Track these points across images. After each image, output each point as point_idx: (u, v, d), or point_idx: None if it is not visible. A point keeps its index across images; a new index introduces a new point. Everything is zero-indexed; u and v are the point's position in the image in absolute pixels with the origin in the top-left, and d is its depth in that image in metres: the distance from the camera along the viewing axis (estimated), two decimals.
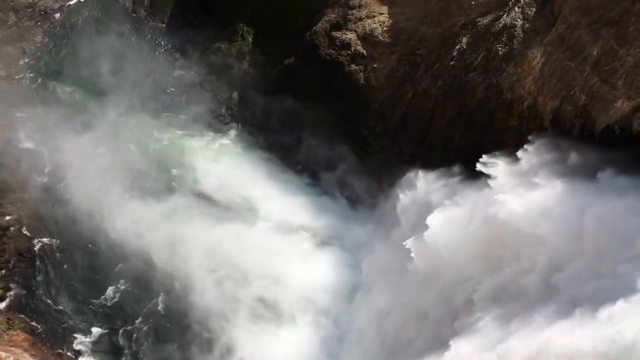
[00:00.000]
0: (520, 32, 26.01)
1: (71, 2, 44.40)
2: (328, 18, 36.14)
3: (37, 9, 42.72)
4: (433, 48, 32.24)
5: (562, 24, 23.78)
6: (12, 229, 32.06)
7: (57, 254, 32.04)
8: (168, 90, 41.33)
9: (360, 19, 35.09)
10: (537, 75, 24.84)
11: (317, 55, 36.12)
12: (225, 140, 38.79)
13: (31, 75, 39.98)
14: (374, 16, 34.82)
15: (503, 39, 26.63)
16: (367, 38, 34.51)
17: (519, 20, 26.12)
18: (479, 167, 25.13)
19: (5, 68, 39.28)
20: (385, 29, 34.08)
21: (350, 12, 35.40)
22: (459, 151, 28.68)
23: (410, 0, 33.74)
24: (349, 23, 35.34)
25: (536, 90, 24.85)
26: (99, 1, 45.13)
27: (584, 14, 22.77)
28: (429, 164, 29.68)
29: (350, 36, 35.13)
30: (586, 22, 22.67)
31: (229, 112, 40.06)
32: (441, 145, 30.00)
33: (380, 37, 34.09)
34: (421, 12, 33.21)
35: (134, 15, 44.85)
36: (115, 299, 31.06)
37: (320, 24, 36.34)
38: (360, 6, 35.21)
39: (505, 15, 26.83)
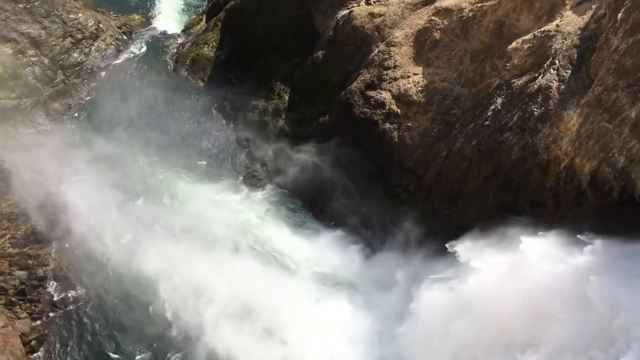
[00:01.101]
0: (556, 94, 25.92)
1: (117, 61, 46.56)
2: (363, 78, 36.81)
3: (85, 67, 44.79)
4: (468, 108, 32.39)
5: (598, 86, 23.63)
6: (48, 280, 32.54)
7: (91, 307, 32.19)
8: (205, 146, 42.29)
9: (395, 79, 35.60)
10: (573, 136, 24.56)
11: (352, 114, 36.63)
12: (260, 196, 39.13)
13: (75, 129, 41.46)
14: (408, 76, 35.30)
15: (538, 100, 26.55)
16: (401, 97, 34.90)
17: (554, 81, 26.08)
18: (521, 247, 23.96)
19: (51, 123, 40.89)
20: (419, 88, 34.47)
21: (385, 72, 36.01)
22: (493, 211, 28.25)
23: (445, 62, 34.22)
24: (383, 83, 35.88)
25: (573, 151, 24.51)
26: (143, 61, 47.30)
27: (621, 76, 22.62)
28: (463, 223, 29.27)
29: (385, 95, 35.59)
30: (624, 85, 22.47)
31: (264, 168, 40.60)
32: (476, 205, 29.61)
33: (415, 97, 34.44)
34: (456, 73, 33.60)
35: (175, 74, 46.73)
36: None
37: (355, 84, 37.01)
38: (395, 67, 35.81)
39: (540, 77, 26.84)
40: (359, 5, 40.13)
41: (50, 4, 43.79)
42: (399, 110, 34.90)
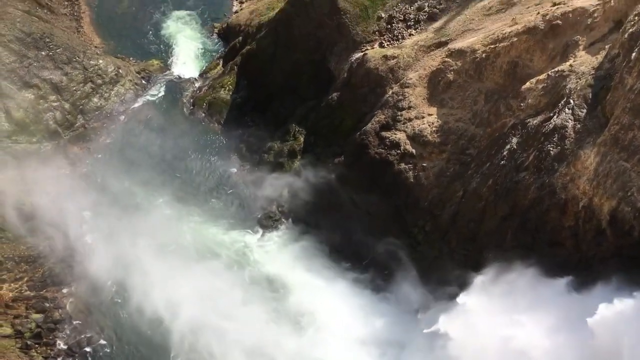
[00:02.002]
0: (571, 133, 25.88)
1: (135, 105, 47.43)
2: (378, 119, 37.05)
3: (104, 112, 45.69)
4: (483, 148, 32.37)
5: (615, 125, 23.58)
6: (64, 322, 32.52)
7: (106, 350, 32.04)
8: (222, 188, 42.52)
9: (410, 120, 35.78)
10: (591, 175, 24.39)
11: (367, 154, 36.75)
12: (274, 237, 39.07)
13: (94, 172, 42.00)
14: (423, 117, 35.47)
15: (554, 139, 26.50)
16: (416, 138, 35.01)
17: (570, 121, 26.07)
18: None
19: (71, 166, 41.46)
20: (434, 129, 34.58)
21: (399, 113, 36.24)
22: (512, 251, 27.88)
23: (459, 102, 34.38)
24: (398, 123, 36.07)
25: (591, 190, 24.31)
26: (161, 104, 48.18)
27: (637, 115, 22.58)
28: (481, 264, 28.90)
29: (400, 136, 35.73)
30: None
31: (280, 209, 40.62)
32: (494, 245, 29.27)
33: (430, 137, 34.52)
34: (470, 113, 33.71)
35: (193, 117, 47.44)
36: None
37: (370, 125, 37.25)
38: (409, 107, 36.04)
39: (555, 117, 26.85)
40: (372, 49, 40.71)
41: (72, 51, 45.00)
42: (414, 151, 34.97)
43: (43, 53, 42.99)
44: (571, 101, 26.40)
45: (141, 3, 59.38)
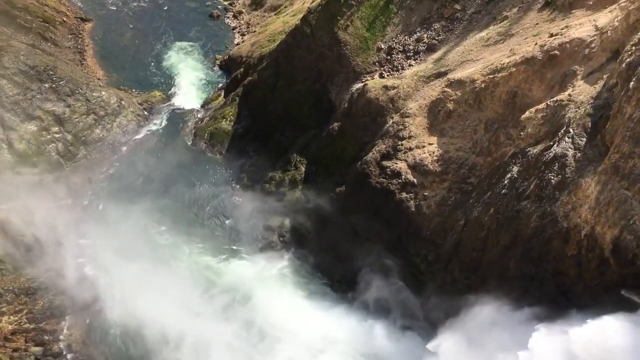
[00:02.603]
0: (572, 161, 25.93)
1: (137, 136, 47.75)
2: (378, 148, 37.23)
3: (106, 143, 45.93)
4: (484, 177, 32.44)
5: (615, 154, 23.64)
6: (63, 355, 32.18)
7: None
8: (223, 217, 42.53)
9: (410, 149, 35.95)
10: (592, 204, 24.36)
11: (368, 184, 36.83)
12: (276, 268, 38.82)
13: (95, 203, 42.06)
14: (423, 146, 35.63)
15: (555, 167, 26.55)
16: (417, 167, 35.12)
17: (570, 149, 26.15)
18: None
19: (72, 196, 41.51)
20: (435, 158, 34.71)
21: (400, 143, 36.43)
22: (515, 281, 27.70)
23: (460, 131, 34.58)
24: (399, 153, 36.23)
25: (593, 219, 24.24)
26: (163, 135, 48.51)
27: (637, 144, 22.65)
28: (484, 294, 28.66)
29: (401, 165, 35.84)
30: None
31: (281, 239, 40.54)
32: (496, 274, 29.09)
33: (431, 166, 34.63)
34: (470, 142, 33.87)
35: (194, 147, 47.71)
36: None
37: (371, 154, 37.42)
38: (410, 137, 36.24)
39: (555, 145, 26.94)
40: (373, 79, 41.17)
41: (75, 83, 45.47)
42: (415, 180, 35.04)
43: (46, 85, 43.43)
44: (571, 130, 26.52)
45: (144, 35, 60.29)
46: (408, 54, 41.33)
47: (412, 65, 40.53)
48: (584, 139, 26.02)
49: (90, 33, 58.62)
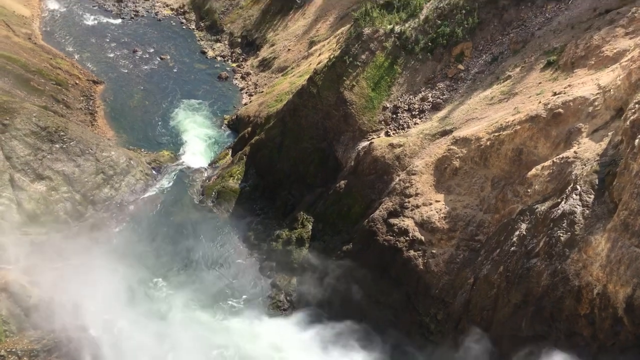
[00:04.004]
0: (580, 219, 25.81)
1: (145, 195, 48.01)
2: (385, 206, 37.23)
3: (114, 202, 46.13)
4: (492, 234, 32.25)
5: (623, 211, 23.56)
6: None
7: None
8: (229, 276, 42.15)
9: (417, 207, 35.93)
10: (603, 261, 24.08)
11: (376, 241, 36.63)
12: (282, 327, 38.11)
13: (102, 263, 41.76)
14: (430, 203, 35.63)
15: (564, 225, 26.41)
16: (424, 224, 35.01)
17: (578, 206, 26.08)
18: None
19: (79, 256, 41.28)
20: (442, 215, 34.63)
21: (406, 200, 36.45)
22: (527, 341, 27.06)
23: (466, 189, 34.64)
24: (406, 210, 36.20)
25: (605, 277, 23.92)
26: (171, 194, 48.79)
27: None
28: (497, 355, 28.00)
29: (408, 223, 35.74)
30: None
31: (288, 298, 40.04)
32: (508, 334, 28.45)
33: (438, 224, 34.52)
34: (478, 200, 33.87)
35: (202, 206, 47.88)
36: None
37: (378, 212, 37.39)
38: (416, 194, 36.29)
39: (563, 202, 26.89)
40: (379, 137, 41.64)
41: (85, 143, 46.14)
42: (422, 237, 34.86)
43: (57, 146, 44.06)
44: (578, 187, 26.53)
45: (153, 96, 61.58)
46: (413, 113, 41.94)
47: (418, 124, 41.06)
48: (592, 196, 25.98)
49: (101, 95, 59.97)
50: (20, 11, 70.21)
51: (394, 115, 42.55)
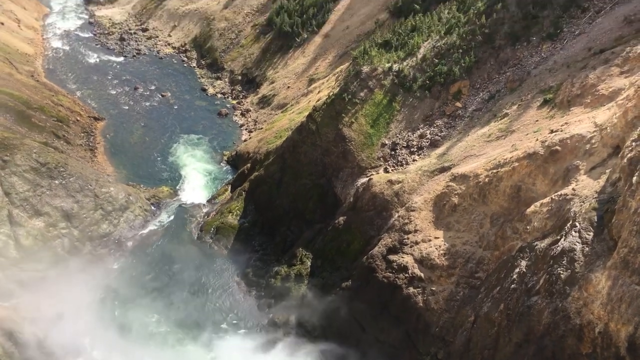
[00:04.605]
0: (580, 256, 25.64)
1: (144, 231, 47.90)
2: (384, 242, 37.08)
3: (112, 238, 46.01)
4: (492, 271, 32.02)
5: (623, 248, 23.43)
6: None
7: None
8: (227, 314, 41.73)
9: (416, 243, 35.79)
10: (604, 299, 23.84)
11: (375, 278, 36.35)
12: None
13: (98, 300, 41.45)
14: (429, 240, 35.50)
15: (563, 262, 26.23)
16: (424, 261, 34.81)
17: (577, 244, 25.95)
18: None
19: (74, 294, 40.84)
20: (441, 252, 34.46)
21: (406, 237, 36.33)
22: None
23: (465, 225, 34.56)
24: (405, 247, 36.04)
25: (606, 315, 23.63)
26: (169, 230, 48.69)
27: None
28: None
29: (407, 259, 35.55)
30: None
31: (286, 335, 39.48)
32: None
33: (437, 260, 34.33)
34: (477, 236, 33.75)
35: (200, 242, 47.69)
36: None
37: (377, 248, 37.22)
38: (415, 231, 36.20)
39: (562, 239, 26.78)
40: (377, 173, 41.76)
41: (84, 179, 46.24)
42: (422, 274, 34.61)
43: (56, 182, 44.15)
44: (577, 224, 26.45)
45: (154, 132, 62.07)
46: (412, 149, 42.18)
47: (416, 160, 41.24)
48: (591, 233, 25.86)
49: (102, 131, 60.48)
50: (24, 49, 71.35)
51: (393, 152, 42.78)
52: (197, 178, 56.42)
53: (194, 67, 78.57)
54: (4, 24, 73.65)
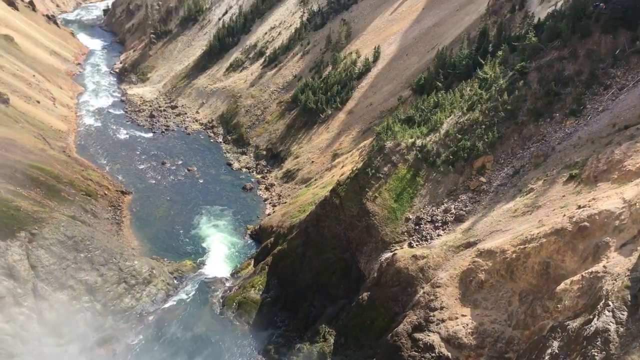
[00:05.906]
0: (615, 337, 24.58)
1: (166, 305, 47.56)
2: (410, 319, 36.12)
3: (134, 312, 45.69)
4: (523, 352, 30.75)
5: None
6: None
7: None
8: None
9: (443, 321, 34.78)
10: None
11: (400, 357, 35.15)
12: None
13: None
14: (456, 317, 34.49)
15: (597, 343, 25.13)
16: (451, 340, 33.68)
17: (611, 324, 24.94)
18: None
19: None
20: (469, 330, 33.37)
21: (431, 314, 35.37)
22: None
23: (493, 302, 33.60)
24: (431, 325, 35.02)
25: None
26: (191, 304, 48.28)
27: None
28: None
29: (434, 338, 34.44)
30: None
31: None
32: None
33: (465, 340, 33.18)
34: (505, 314, 32.72)
35: (222, 317, 47.09)
36: None
37: (402, 325, 36.22)
38: (442, 308, 35.27)
39: (595, 319, 25.79)
40: (402, 248, 41.28)
41: (109, 252, 46.59)
42: (449, 354, 33.40)
43: (82, 255, 44.56)
44: (610, 303, 25.53)
45: (179, 206, 62.84)
46: (436, 224, 41.82)
47: (441, 235, 40.77)
48: (625, 313, 24.89)
49: (129, 205, 61.46)
50: (58, 126, 74.05)
51: (417, 227, 42.45)
52: (220, 252, 56.44)
53: (220, 142, 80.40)
54: (40, 102, 76.90)
